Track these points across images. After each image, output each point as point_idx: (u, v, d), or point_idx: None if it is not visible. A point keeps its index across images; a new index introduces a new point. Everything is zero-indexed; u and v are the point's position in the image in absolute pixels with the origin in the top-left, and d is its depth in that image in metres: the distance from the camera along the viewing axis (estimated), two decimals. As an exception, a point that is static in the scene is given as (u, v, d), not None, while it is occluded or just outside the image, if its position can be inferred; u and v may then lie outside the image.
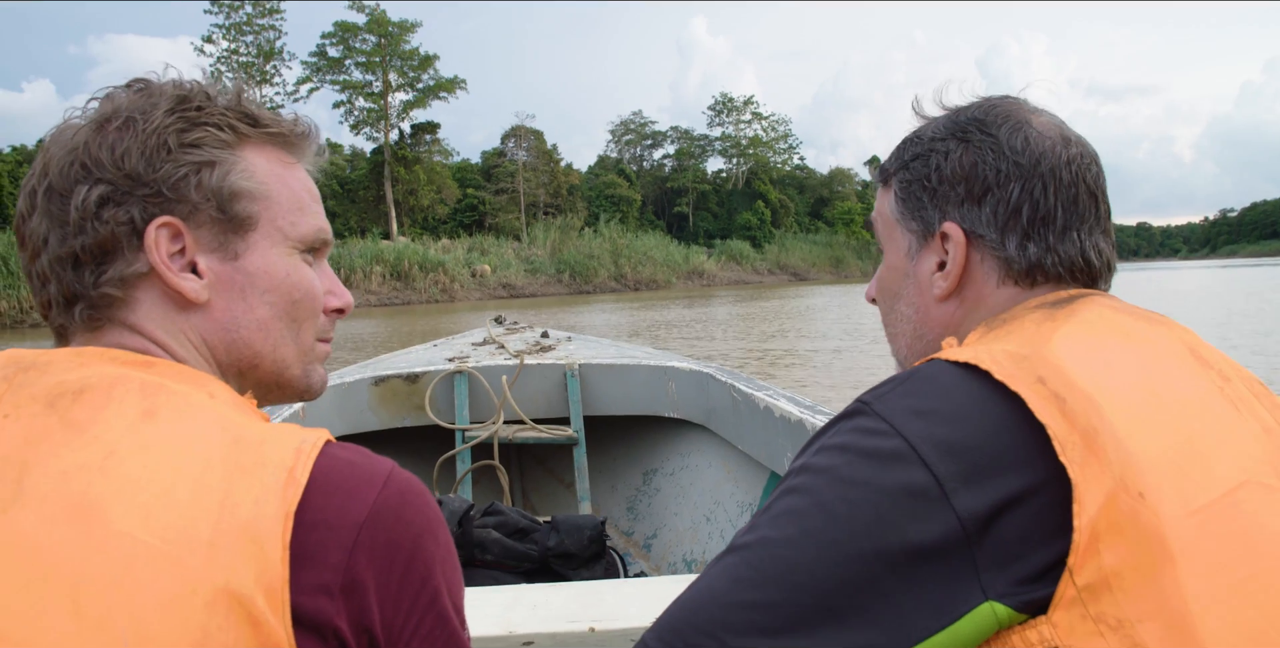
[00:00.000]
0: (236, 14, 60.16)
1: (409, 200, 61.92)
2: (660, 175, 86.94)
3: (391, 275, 43.13)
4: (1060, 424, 0.76)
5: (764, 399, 2.99)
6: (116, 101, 0.85)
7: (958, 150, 1.00)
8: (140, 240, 0.82)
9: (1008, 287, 0.98)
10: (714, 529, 3.31)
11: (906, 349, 1.08)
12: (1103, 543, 0.72)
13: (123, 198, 0.81)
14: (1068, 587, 0.72)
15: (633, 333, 19.18)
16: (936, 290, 1.02)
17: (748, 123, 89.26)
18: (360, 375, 3.85)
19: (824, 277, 71.79)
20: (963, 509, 0.74)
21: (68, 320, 0.84)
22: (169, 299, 0.84)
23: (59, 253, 0.82)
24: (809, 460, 0.83)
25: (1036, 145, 0.97)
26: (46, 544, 0.65)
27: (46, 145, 0.86)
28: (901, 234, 1.05)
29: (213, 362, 0.87)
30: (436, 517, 0.78)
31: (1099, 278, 1.00)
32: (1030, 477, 0.75)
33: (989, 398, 0.79)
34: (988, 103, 1.03)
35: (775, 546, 0.78)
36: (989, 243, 0.98)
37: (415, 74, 64.32)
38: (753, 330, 19.26)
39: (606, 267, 53.29)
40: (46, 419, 0.71)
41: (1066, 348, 0.83)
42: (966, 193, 0.99)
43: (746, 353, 14.53)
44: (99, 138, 0.82)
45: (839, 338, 16.55)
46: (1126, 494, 0.73)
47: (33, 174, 0.85)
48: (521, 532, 2.82)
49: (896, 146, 1.09)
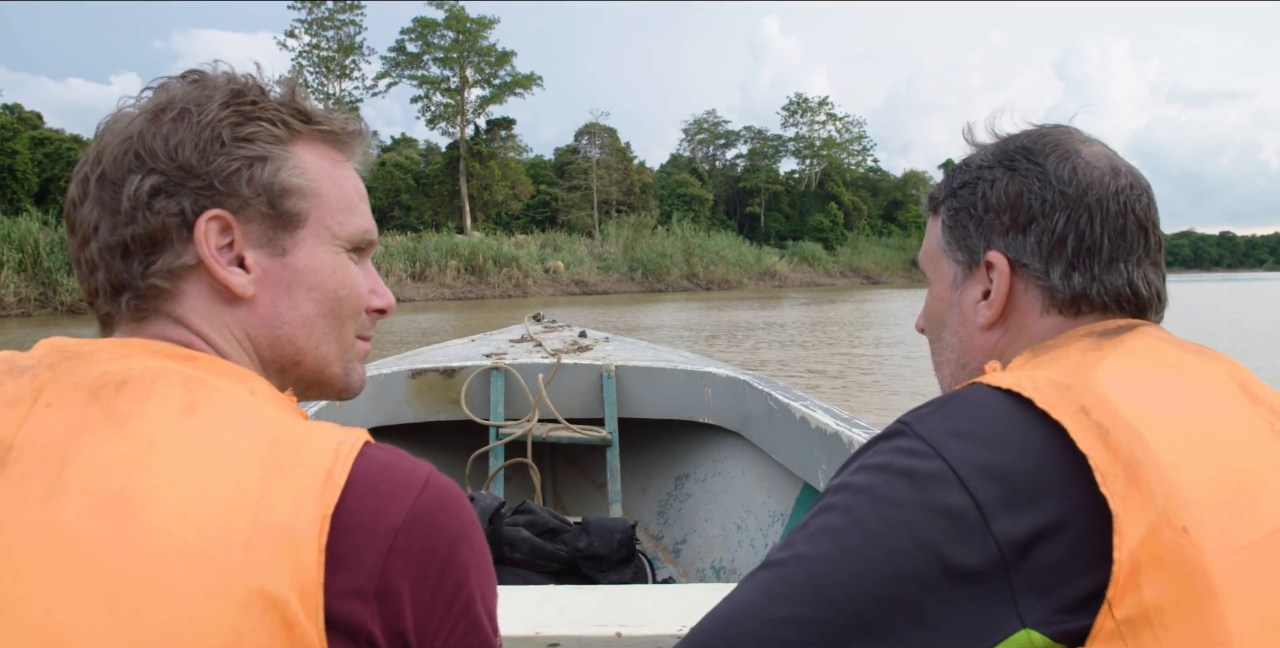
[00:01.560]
0: (319, 9, 61.52)
1: (483, 195, 62.58)
2: (733, 175, 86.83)
3: (466, 270, 43.71)
4: (1102, 455, 0.75)
5: (800, 409, 2.95)
6: (171, 92, 0.85)
7: (1004, 179, 0.99)
8: (190, 232, 0.82)
9: (1052, 316, 0.97)
10: (744, 538, 3.27)
11: (951, 378, 1.08)
12: (1144, 576, 0.71)
13: (175, 189, 0.81)
14: (1106, 620, 0.71)
15: (711, 337, 18.82)
16: (981, 319, 1.01)
17: (822, 124, 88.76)
18: (398, 368, 3.87)
19: (896, 280, 71.03)
20: (1001, 534, 0.74)
21: (114, 309, 0.84)
22: (215, 293, 0.84)
23: (109, 241, 0.82)
24: (848, 479, 0.83)
25: (1084, 175, 0.96)
26: (83, 538, 0.65)
27: (100, 132, 0.86)
28: (947, 264, 1.05)
29: (255, 357, 0.87)
30: (472, 522, 0.78)
31: (1148, 308, 0.98)
32: (1070, 505, 0.75)
33: (1030, 425, 0.79)
34: (1038, 131, 1.02)
35: (811, 562, 0.78)
36: (1033, 272, 0.97)
37: (492, 70, 65.02)
38: (850, 336, 18.70)
39: (679, 265, 53.37)
40: (88, 410, 0.71)
41: (1111, 378, 0.82)
42: (1011, 222, 0.98)
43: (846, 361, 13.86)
44: (153, 128, 0.83)
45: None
46: (1169, 528, 0.71)
47: (86, 160, 0.85)
48: (551, 532, 2.81)
49: (946, 174, 1.08)
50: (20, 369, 0.76)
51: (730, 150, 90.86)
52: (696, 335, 18.72)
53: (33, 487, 0.67)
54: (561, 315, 6.23)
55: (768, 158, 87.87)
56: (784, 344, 16.93)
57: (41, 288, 29.33)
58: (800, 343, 17.20)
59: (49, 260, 29.36)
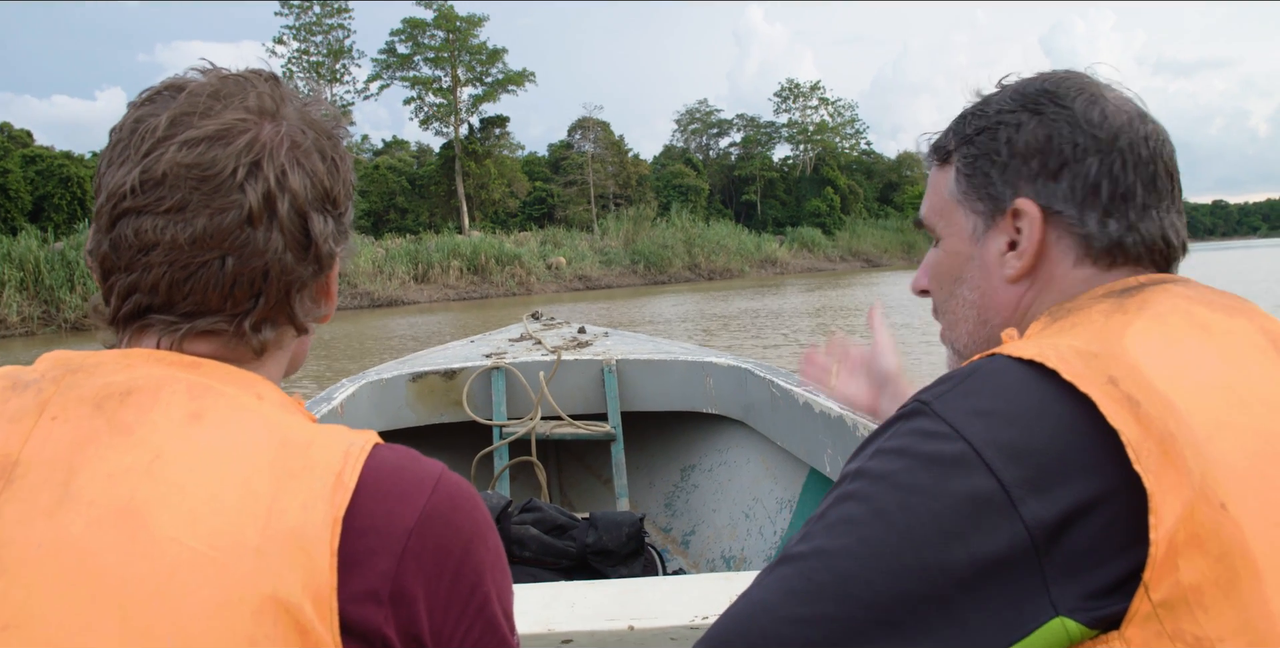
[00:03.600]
0: (306, 15, 61.31)
1: (480, 194, 62.43)
2: (727, 164, 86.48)
3: (469, 269, 43.38)
4: (1134, 429, 0.71)
5: (803, 395, 2.95)
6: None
7: (1030, 122, 0.94)
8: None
9: (1084, 267, 0.93)
10: (753, 526, 3.28)
11: (968, 336, 1.02)
12: (1181, 557, 0.67)
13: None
14: (1143, 602, 0.68)
15: (734, 329, 18.15)
16: (1009, 270, 0.95)
17: (815, 108, 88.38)
18: (398, 372, 3.88)
19: (896, 262, 70.86)
20: (1031, 518, 0.70)
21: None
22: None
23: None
24: (865, 465, 0.79)
25: (1114, 119, 0.92)
26: (93, 549, 0.65)
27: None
28: (965, 215, 0.99)
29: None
30: (486, 521, 0.78)
31: (1174, 259, 0.95)
32: (1101, 484, 0.71)
33: (1057, 399, 0.75)
34: (1057, 75, 0.97)
35: (831, 557, 0.75)
36: (1068, 219, 0.92)
37: (484, 68, 64.84)
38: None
39: (681, 256, 53.15)
40: (94, 421, 0.71)
41: (1140, 345, 0.78)
42: (1041, 167, 0.93)
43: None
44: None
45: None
46: (1207, 505, 0.68)
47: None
48: (560, 528, 2.82)
49: (954, 121, 1.02)
50: (24, 384, 0.76)
51: (724, 139, 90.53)
52: (724, 328, 18.28)
53: (40, 501, 0.67)
54: (566, 312, 6.24)
55: (761, 145, 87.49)
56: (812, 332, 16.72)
57: (44, 306, 29.30)
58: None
59: (50, 278, 29.31)
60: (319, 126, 0.84)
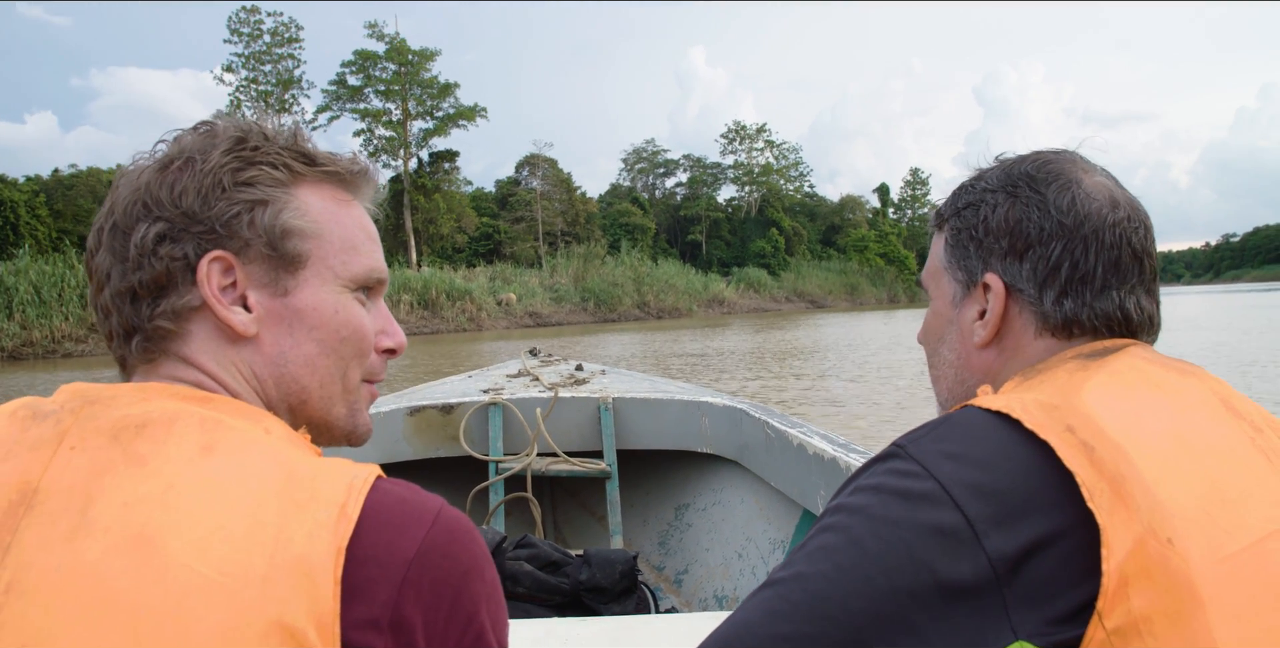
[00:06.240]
0: (256, 43, 60.91)
1: (428, 229, 62.17)
2: (672, 203, 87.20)
3: (419, 304, 42.89)
4: (1088, 471, 0.78)
5: (797, 436, 2.98)
6: (181, 143, 0.89)
7: (1005, 204, 1.02)
8: (194, 275, 0.85)
9: (1044, 338, 1.00)
10: (745, 566, 3.30)
11: (948, 392, 1.11)
12: (1132, 587, 0.73)
13: (179, 235, 0.84)
14: (1097, 630, 0.73)
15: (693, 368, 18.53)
16: (976, 338, 1.04)
17: (760, 150, 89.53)
18: (396, 405, 3.87)
19: (840, 304, 71.79)
20: (993, 551, 0.76)
21: (126, 352, 0.88)
22: (220, 332, 0.87)
23: (119, 287, 0.85)
24: (844, 500, 0.86)
25: (1083, 206, 0.99)
26: (108, 575, 0.67)
27: (116, 185, 0.89)
28: (949, 282, 1.08)
29: (263, 395, 0.89)
30: (483, 555, 0.79)
31: (1140, 331, 1.01)
32: (1059, 520, 0.77)
33: (1019, 445, 0.82)
34: (1043, 157, 1.05)
35: (809, 580, 0.81)
36: (1027, 297, 1.00)
37: (434, 102, 64.84)
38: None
39: (630, 295, 53.19)
40: (110, 452, 0.74)
41: (1096, 398, 0.85)
42: (1010, 247, 1.01)
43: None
44: (161, 178, 0.86)
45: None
46: (1155, 540, 0.74)
47: (101, 213, 0.89)
48: (553, 565, 2.82)
49: (953, 192, 1.11)
50: (44, 414, 0.78)
51: (670, 179, 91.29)
52: (694, 367, 18.37)
53: (59, 527, 0.69)
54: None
55: (707, 185, 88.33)
56: (806, 375, 16.87)
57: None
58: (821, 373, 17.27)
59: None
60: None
